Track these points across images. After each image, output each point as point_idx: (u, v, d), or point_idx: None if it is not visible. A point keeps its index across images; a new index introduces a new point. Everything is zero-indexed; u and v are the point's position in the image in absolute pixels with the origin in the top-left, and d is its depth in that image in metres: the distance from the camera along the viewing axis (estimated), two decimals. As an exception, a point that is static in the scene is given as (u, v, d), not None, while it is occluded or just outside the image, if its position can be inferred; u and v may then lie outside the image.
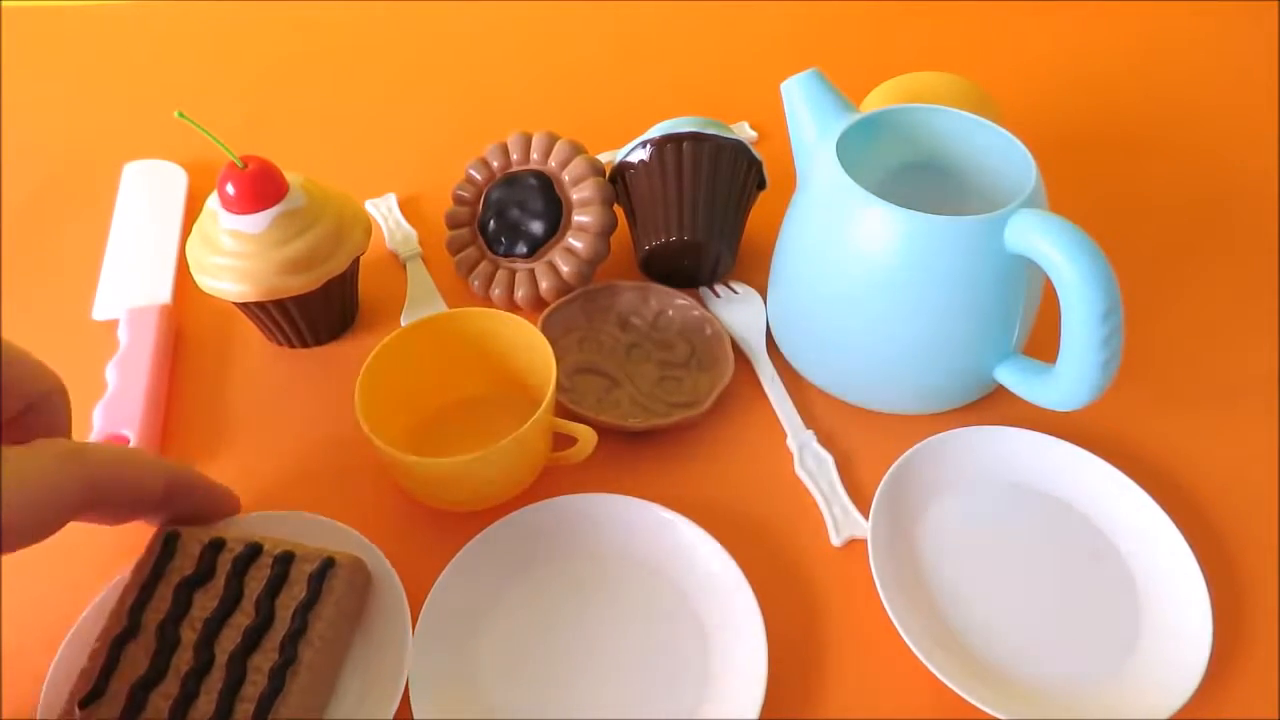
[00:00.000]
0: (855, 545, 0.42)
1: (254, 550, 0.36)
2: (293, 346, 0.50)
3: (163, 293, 0.52)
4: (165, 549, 0.36)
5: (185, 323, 0.52)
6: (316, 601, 0.35)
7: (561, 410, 0.45)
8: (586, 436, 0.42)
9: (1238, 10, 0.78)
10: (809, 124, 0.46)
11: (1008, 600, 0.39)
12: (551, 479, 0.43)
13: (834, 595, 0.40)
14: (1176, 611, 0.38)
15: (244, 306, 0.47)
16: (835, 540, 0.41)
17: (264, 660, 0.33)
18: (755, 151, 0.53)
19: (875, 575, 0.38)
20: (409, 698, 0.35)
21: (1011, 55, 0.74)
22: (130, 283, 0.53)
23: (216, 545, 0.36)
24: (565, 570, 0.40)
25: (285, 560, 0.36)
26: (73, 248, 0.57)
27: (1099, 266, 0.37)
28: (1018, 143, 0.43)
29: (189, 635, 0.34)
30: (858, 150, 0.45)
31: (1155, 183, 0.61)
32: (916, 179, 0.48)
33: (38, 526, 0.30)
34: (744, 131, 0.66)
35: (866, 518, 0.42)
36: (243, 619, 0.34)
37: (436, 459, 0.38)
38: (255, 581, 0.35)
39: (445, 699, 0.35)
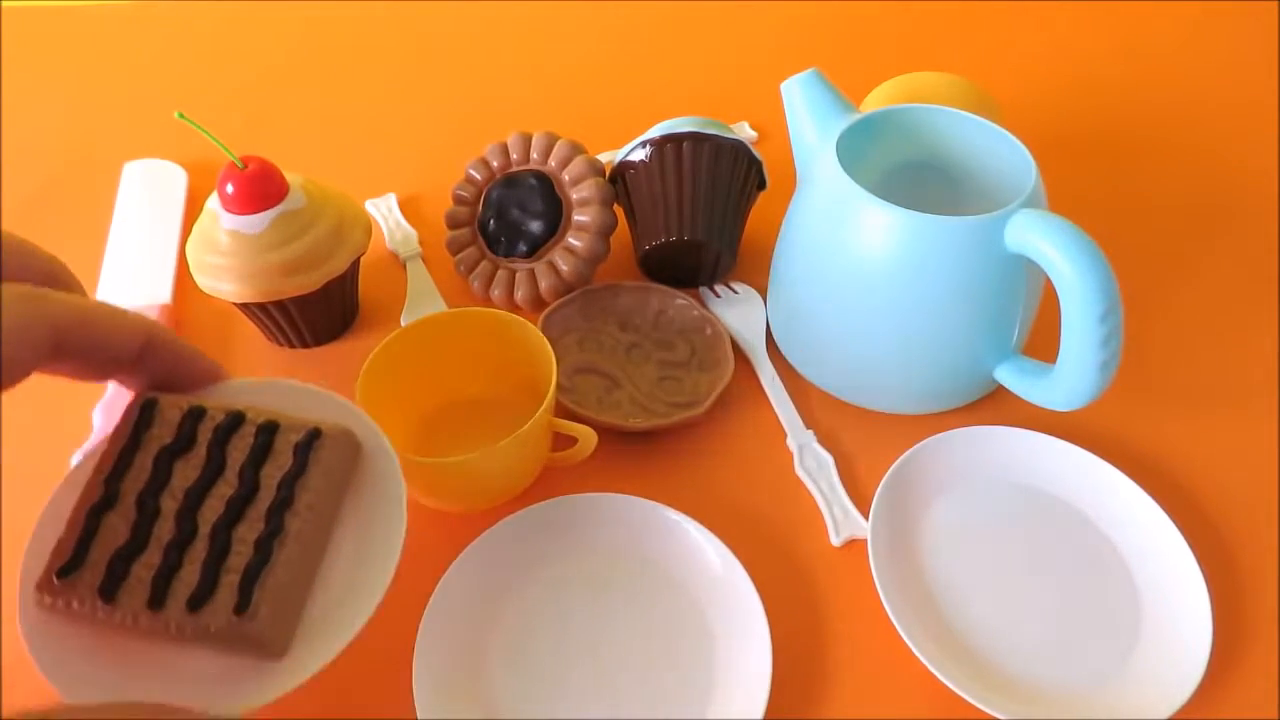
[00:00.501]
0: (855, 545, 0.42)
1: (236, 419, 0.34)
2: (293, 346, 0.50)
3: (163, 293, 0.52)
4: (143, 416, 0.34)
5: (185, 323, 0.52)
6: (303, 473, 0.33)
7: (561, 410, 0.45)
8: (586, 436, 0.42)
9: (1238, 10, 0.78)
10: (809, 124, 0.46)
11: (1008, 600, 0.39)
12: (552, 479, 0.43)
13: (834, 595, 0.40)
14: (1176, 611, 0.38)
15: (244, 307, 0.47)
16: (835, 540, 0.41)
17: (249, 531, 0.32)
18: (755, 151, 0.53)
19: (875, 575, 0.38)
20: (414, 698, 0.35)
21: (1011, 55, 0.74)
22: (130, 283, 0.53)
23: (196, 413, 0.34)
24: (570, 570, 0.40)
25: (269, 430, 0.34)
26: (73, 248, 0.56)
27: (1099, 266, 0.37)
28: (1018, 143, 0.43)
29: (170, 505, 0.32)
30: (858, 150, 0.45)
31: (1155, 183, 0.61)
32: (916, 179, 0.48)
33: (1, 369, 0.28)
34: (744, 131, 0.66)
35: (866, 518, 0.42)
36: (226, 489, 0.33)
37: (436, 459, 0.38)
38: (238, 452, 0.33)
39: (450, 699, 0.35)
